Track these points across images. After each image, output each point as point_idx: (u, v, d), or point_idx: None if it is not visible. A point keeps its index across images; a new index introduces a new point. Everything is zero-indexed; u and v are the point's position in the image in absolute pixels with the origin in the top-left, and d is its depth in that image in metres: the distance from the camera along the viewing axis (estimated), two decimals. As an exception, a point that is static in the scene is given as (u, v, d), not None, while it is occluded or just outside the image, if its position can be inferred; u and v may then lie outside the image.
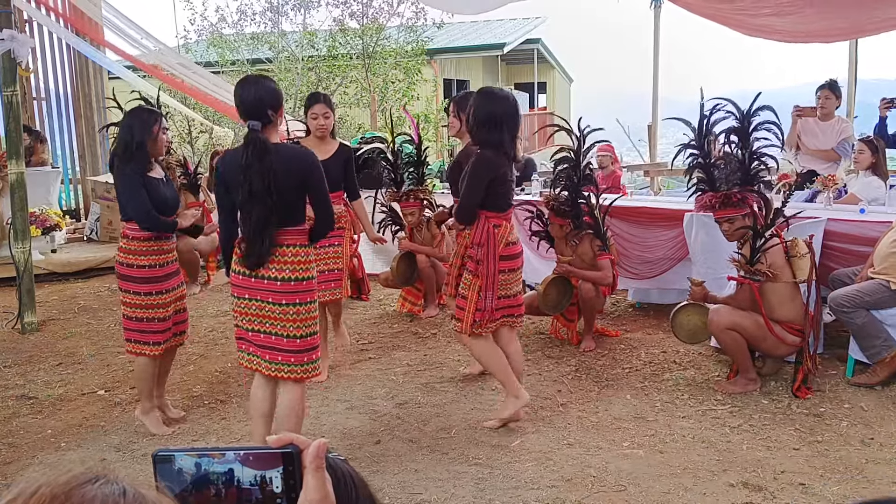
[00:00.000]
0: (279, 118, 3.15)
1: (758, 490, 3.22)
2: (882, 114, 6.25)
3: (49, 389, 4.66)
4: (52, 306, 6.62)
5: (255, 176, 2.97)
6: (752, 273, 4.16)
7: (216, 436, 3.97)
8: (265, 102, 3.07)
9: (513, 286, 3.85)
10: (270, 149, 3.02)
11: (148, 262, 3.85)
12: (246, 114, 3.08)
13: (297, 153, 3.16)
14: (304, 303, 3.16)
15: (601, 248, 5.01)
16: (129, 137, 3.78)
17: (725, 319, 4.25)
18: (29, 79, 9.12)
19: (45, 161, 8.97)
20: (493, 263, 3.70)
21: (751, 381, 4.31)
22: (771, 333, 4.16)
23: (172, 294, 3.96)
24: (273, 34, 17.05)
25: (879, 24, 6.27)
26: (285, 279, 3.11)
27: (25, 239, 5.95)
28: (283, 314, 3.13)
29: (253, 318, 3.18)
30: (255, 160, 2.98)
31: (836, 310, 4.36)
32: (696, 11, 6.80)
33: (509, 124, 3.63)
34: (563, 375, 4.67)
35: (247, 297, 3.16)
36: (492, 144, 3.61)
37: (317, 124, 4.56)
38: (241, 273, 3.15)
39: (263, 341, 3.19)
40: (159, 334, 3.90)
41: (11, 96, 5.78)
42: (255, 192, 2.99)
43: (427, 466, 3.52)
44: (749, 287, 4.19)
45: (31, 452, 3.82)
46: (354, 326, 5.77)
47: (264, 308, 3.14)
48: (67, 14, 8.86)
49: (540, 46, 21.58)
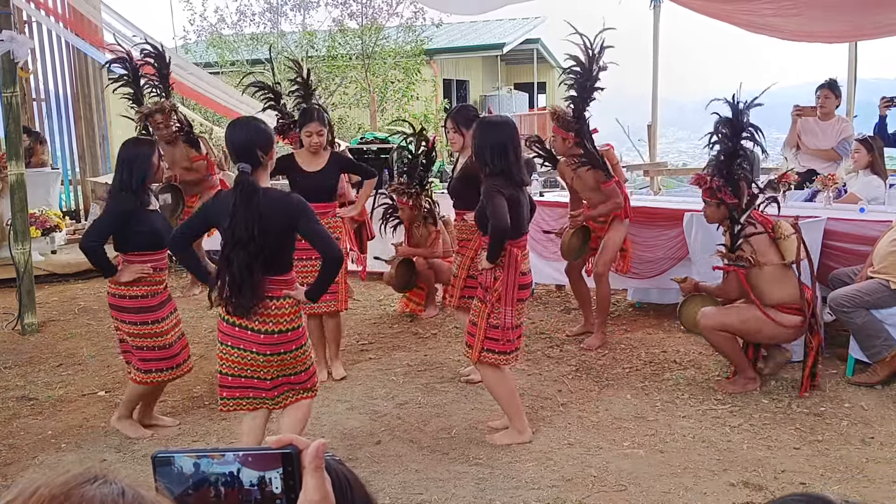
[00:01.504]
0: (269, 160, 3.12)
1: (758, 489, 3.22)
2: (882, 113, 6.26)
3: (49, 390, 4.66)
4: (52, 307, 6.62)
5: (239, 221, 2.92)
6: (736, 260, 4.17)
7: (216, 436, 3.97)
8: (255, 144, 3.03)
9: (519, 317, 3.71)
10: (258, 191, 2.97)
11: (140, 292, 3.81)
12: (236, 155, 3.06)
13: (282, 198, 3.10)
14: (293, 350, 3.12)
15: (605, 177, 5.02)
16: (129, 175, 3.72)
17: (712, 321, 4.25)
18: (28, 80, 9.12)
19: (45, 162, 8.96)
20: (512, 281, 3.59)
21: (750, 381, 4.31)
22: (767, 318, 4.14)
23: (169, 321, 3.92)
24: (272, 34, 17.05)
25: (881, 28, 6.29)
26: (269, 332, 3.05)
27: (25, 240, 5.95)
28: (268, 363, 3.08)
29: (247, 367, 3.10)
30: (242, 204, 2.93)
31: (837, 309, 4.36)
32: (698, 10, 6.81)
33: (515, 150, 3.59)
34: (564, 375, 4.67)
35: (234, 346, 3.09)
36: (502, 173, 3.55)
37: (310, 142, 4.48)
38: (227, 321, 3.08)
39: (268, 386, 3.14)
40: (160, 361, 3.86)
41: (11, 97, 5.78)
42: (238, 237, 2.93)
43: (427, 467, 3.51)
44: (735, 274, 4.20)
45: (32, 453, 3.81)
46: (354, 327, 5.77)
47: (258, 359, 3.07)
48: (67, 17, 8.85)
49: (539, 46, 21.58)
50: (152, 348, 3.85)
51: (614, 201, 5.03)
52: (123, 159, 3.77)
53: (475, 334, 3.67)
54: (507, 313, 3.60)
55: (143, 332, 3.83)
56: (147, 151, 3.79)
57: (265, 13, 17.71)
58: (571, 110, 4.99)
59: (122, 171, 3.75)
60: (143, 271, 3.79)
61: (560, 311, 6.15)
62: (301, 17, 17.86)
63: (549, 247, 6.03)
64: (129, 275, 3.78)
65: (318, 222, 3.14)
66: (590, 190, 5.09)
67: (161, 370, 3.87)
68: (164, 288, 3.95)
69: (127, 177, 3.73)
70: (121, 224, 3.75)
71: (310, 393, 3.27)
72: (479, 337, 3.65)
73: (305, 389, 3.25)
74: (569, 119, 4.98)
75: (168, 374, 3.92)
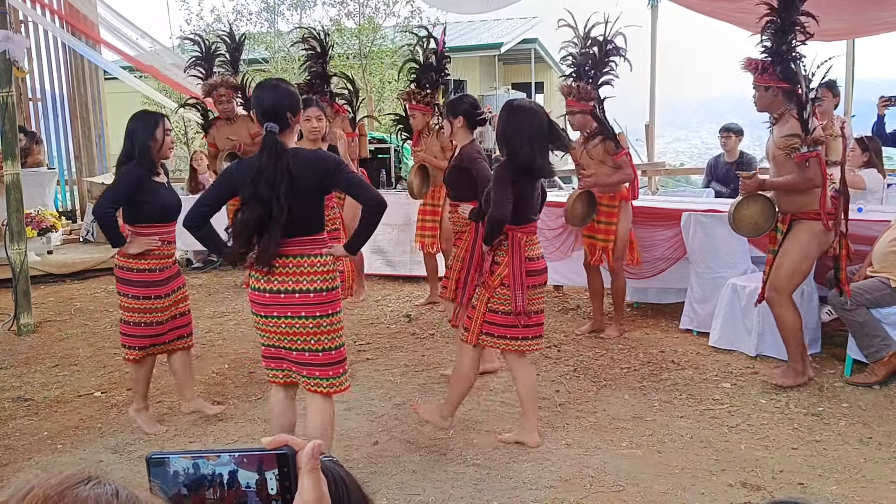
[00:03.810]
0: (297, 123, 3.10)
1: (756, 490, 3.21)
2: (880, 112, 6.27)
3: (45, 391, 4.64)
4: (48, 308, 6.60)
5: (265, 179, 2.89)
6: (814, 143, 4.01)
7: (213, 437, 3.96)
8: (284, 106, 3.02)
9: (534, 303, 3.61)
10: (287, 152, 2.94)
11: (147, 265, 3.83)
12: (264, 116, 3.01)
13: (317, 156, 3.06)
14: (325, 315, 3.03)
15: (615, 149, 5.07)
16: (131, 144, 3.76)
17: (789, 285, 4.20)
18: (24, 80, 9.10)
19: (41, 162, 8.95)
20: (518, 263, 3.52)
21: (800, 374, 4.30)
22: (812, 240, 4.13)
23: (171, 298, 3.94)
24: (269, 34, 17.04)
25: (880, 24, 6.29)
26: (305, 291, 2.99)
27: (21, 240, 5.93)
28: (304, 327, 3.01)
29: (282, 335, 3.05)
30: (269, 164, 2.90)
31: (837, 307, 4.35)
32: (696, 9, 6.81)
33: (538, 139, 3.44)
34: (562, 375, 4.66)
35: (267, 315, 3.04)
36: (519, 160, 3.45)
37: (310, 126, 4.45)
38: (257, 289, 3.04)
39: (297, 358, 3.07)
40: (142, 339, 3.88)
41: (7, 97, 5.77)
42: (259, 195, 2.90)
43: (425, 467, 3.50)
44: (817, 159, 4.00)
45: (28, 455, 3.80)
46: (352, 327, 5.76)
47: (286, 324, 3.02)
48: (63, 12, 8.84)
49: (537, 46, 21.59)
50: (139, 324, 3.85)
51: (625, 172, 5.12)
52: (129, 130, 3.81)
53: (473, 317, 3.67)
54: (517, 297, 3.50)
55: (140, 307, 3.84)
56: (150, 123, 3.81)
57: (262, 13, 17.69)
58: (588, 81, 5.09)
59: (126, 141, 3.80)
60: (151, 244, 3.81)
61: (558, 312, 6.14)
62: (298, 16, 17.85)
63: (547, 247, 6.03)
64: (138, 247, 3.80)
65: (353, 172, 3.12)
66: (598, 164, 5.12)
67: (142, 347, 3.89)
68: (173, 262, 3.96)
69: (129, 146, 3.77)
70: (134, 190, 3.76)
71: (324, 386, 3.09)
72: (476, 320, 3.64)
73: (337, 375, 3.10)
74: (589, 90, 5.06)
75: (148, 351, 3.94)
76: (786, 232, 4.25)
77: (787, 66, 4.08)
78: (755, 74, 4.18)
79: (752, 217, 4.33)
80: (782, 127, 4.15)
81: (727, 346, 4.99)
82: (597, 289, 5.56)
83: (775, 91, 4.13)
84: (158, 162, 3.88)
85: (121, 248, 3.81)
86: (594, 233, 5.31)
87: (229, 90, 6.00)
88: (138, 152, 3.75)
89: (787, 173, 4.14)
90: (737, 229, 4.43)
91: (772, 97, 4.16)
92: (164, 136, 3.83)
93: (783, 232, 4.26)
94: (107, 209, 3.71)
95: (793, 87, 4.08)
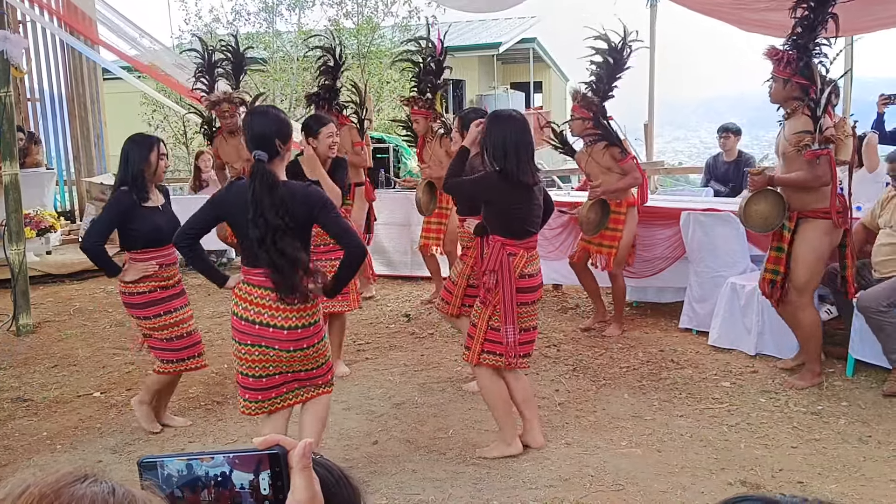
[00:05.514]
0: (287, 151, 3.04)
1: (756, 489, 3.21)
2: (880, 110, 6.27)
3: (44, 392, 4.64)
4: (47, 308, 6.60)
5: (268, 209, 2.83)
6: (825, 142, 4.00)
7: (212, 437, 3.96)
8: (272, 132, 2.96)
9: (526, 320, 3.56)
10: (279, 183, 2.89)
11: (148, 287, 3.82)
12: (252, 142, 2.96)
13: (302, 191, 2.99)
14: (315, 345, 3.06)
15: (621, 154, 5.11)
16: (125, 168, 3.74)
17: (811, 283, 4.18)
18: (23, 80, 9.08)
19: (40, 162, 8.94)
20: (509, 293, 3.46)
21: (816, 375, 4.29)
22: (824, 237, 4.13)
23: (181, 313, 3.93)
24: (268, 34, 17.03)
25: (876, 21, 6.29)
26: (292, 327, 2.98)
27: (20, 241, 5.93)
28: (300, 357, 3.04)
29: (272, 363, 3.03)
30: (265, 194, 2.84)
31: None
32: (694, 7, 6.81)
33: (520, 147, 3.43)
34: (561, 375, 4.66)
35: (261, 345, 2.99)
36: (505, 170, 3.43)
37: (331, 142, 4.30)
38: (244, 319, 2.98)
39: (306, 375, 3.12)
40: (178, 352, 3.90)
41: (5, 97, 5.76)
42: (272, 224, 2.83)
43: (424, 467, 3.50)
44: (827, 157, 4.00)
45: (27, 455, 3.79)
46: (351, 327, 5.75)
47: (282, 356, 3.00)
48: (61, 11, 8.83)
49: (535, 46, 21.61)
50: (175, 337, 3.87)
51: (633, 176, 5.14)
52: (124, 151, 3.80)
53: (474, 336, 3.59)
54: (508, 332, 3.47)
55: (163, 324, 3.85)
56: (144, 146, 3.78)
57: (260, 13, 17.68)
58: (594, 90, 5.13)
59: (121, 164, 3.79)
60: (147, 270, 3.78)
61: (557, 311, 6.15)
62: (296, 16, 17.84)
63: (546, 246, 6.03)
64: (134, 273, 3.77)
65: (339, 214, 3.09)
66: (605, 171, 5.13)
67: (184, 359, 3.91)
68: (175, 283, 3.94)
69: (123, 171, 3.76)
70: (120, 222, 3.75)
71: (328, 388, 3.24)
72: (478, 339, 3.56)
73: (326, 383, 3.22)
74: (593, 99, 5.09)
75: (192, 363, 3.96)
76: (793, 230, 4.23)
77: (809, 62, 4.08)
78: (777, 65, 4.16)
79: (762, 213, 4.31)
80: (794, 123, 4.15)
81: (726, 345, 4.99)
82: (591, 286, 5.60)
83: (793, 85, 4.13)
84: (152, 185, 3.83)
85: (117, 276, 3.79)
86: (600, 238, 5.31)
87: (232, 105, 5.97)
88: (131, 176, 3.73)
89: (797, 169, 4.14)
90: (748, 225, 4.43)
91: (788, 91, 4.16)
92: (158, 161, 3.79)
93: (790, 229, 4.25)
94: (94, 242, 3.70)
95: (810, 84, 4.08)
